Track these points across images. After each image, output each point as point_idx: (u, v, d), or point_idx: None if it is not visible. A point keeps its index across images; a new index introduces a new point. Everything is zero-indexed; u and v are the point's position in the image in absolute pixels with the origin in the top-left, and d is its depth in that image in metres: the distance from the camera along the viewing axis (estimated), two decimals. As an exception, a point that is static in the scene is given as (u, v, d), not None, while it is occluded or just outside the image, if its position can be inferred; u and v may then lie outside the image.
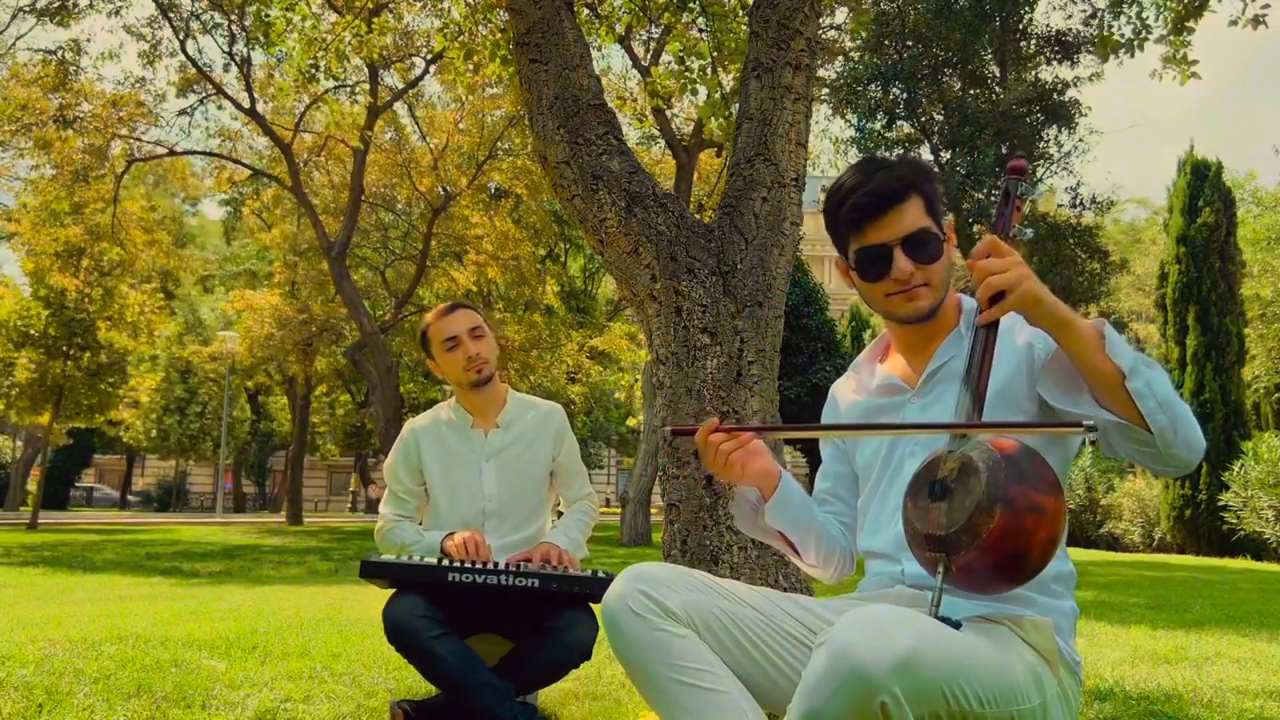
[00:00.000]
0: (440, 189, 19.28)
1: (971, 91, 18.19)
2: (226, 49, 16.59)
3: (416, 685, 2.96)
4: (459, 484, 2.68)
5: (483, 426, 2.72)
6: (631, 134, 17.06)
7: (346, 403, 35.46)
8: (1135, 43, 6.19)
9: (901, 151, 18.98)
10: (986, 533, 1.19)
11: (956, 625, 1.23)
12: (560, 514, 2.86)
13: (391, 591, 2.40)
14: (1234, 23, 5.59)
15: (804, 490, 1.69)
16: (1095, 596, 7.07)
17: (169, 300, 28.84)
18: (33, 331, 18.73)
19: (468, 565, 2.33)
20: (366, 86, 16.66)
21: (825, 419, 1.79)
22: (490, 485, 2.67)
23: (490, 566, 2.35)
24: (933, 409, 1.56)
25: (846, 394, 1.74)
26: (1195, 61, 5.53)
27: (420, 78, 17.49)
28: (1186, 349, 16.20)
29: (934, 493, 1.29)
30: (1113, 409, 1.33)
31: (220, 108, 17.61)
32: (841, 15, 14.54)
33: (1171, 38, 5.57)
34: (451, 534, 2.55)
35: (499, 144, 19.04)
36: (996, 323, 1.40)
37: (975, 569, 1.22)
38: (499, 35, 6.28)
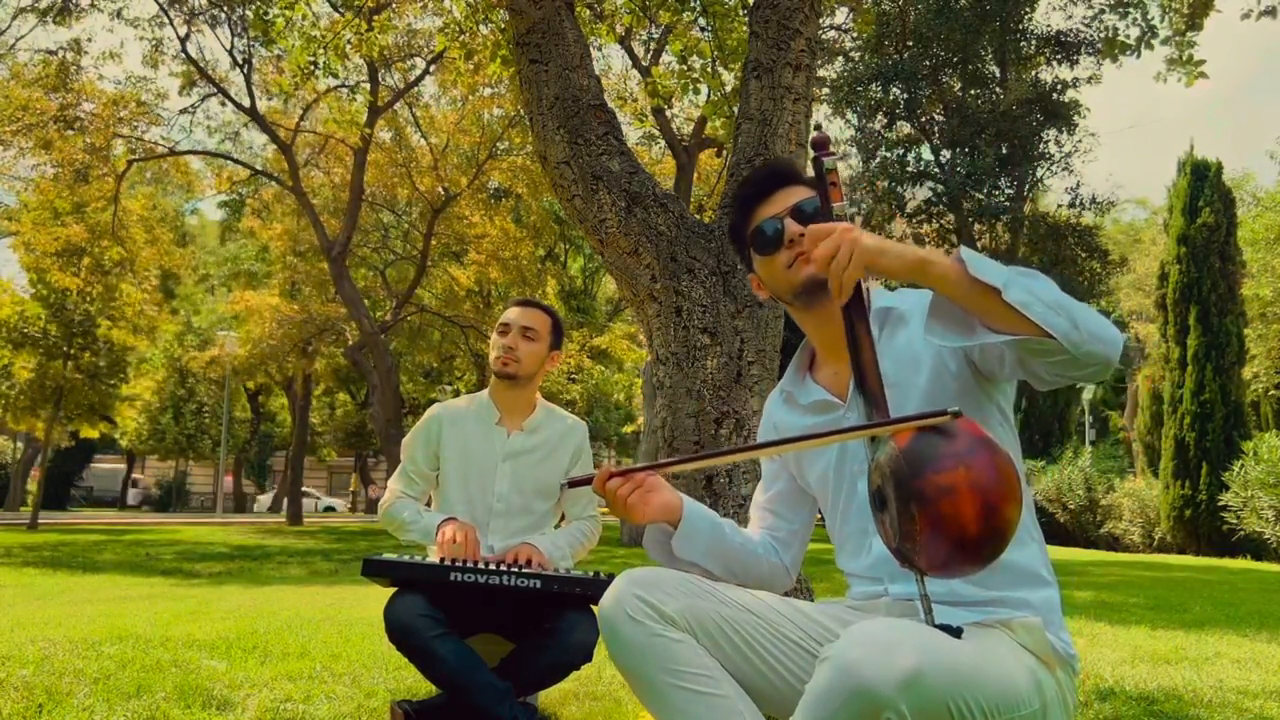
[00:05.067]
0: (440, 189, 19.29)
1: (971, 91, 18.21)
2: (228, 48, 16.61)
3: (416, 685, 2.96)
4: (472, 477, 2.69)
5: (508, 426, 2.73)
6: (631, 134, 17.07)
7: (346, 403, 35.47)
8: (1142, 43, 6.17)
9: (901, 151, 19.01)
10: (918, 534, 1.15)
11: (958, 633, 1.22)
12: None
13: (393, 590, 2.40)
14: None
15: (713, 516, 1.65)
16: (1095, 596, 7.07)
17: (169, 299, 28.85)
18: (32, 332, 18.71)
19: (470, 565, 2.33)
20: (367, 86, 16.68)
21: (762, 433, 1.75)
22: (503, 485, 2.68)
23: (491, 566, 2.35)
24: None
25: (781, 413, 1.70)
26: (1202, 62, 5.51)
27: (420, 78, 17.51)
28: (1187, 349, 16.20)
29: (875, 505, 1.26)
30: (1008, 330, 1.26)
31: (223, 105, 17.59)
32: (842, 15, 14.55)
33: (1178, 38, 5.56)
34: (450, 519, 2.56)
35: (499, 144, 19.05)
36: (862, 302, 1.34)
37: (938, 563, 1.17)
38: (500, 35, 6.28)
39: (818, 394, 1.61)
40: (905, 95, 18.08)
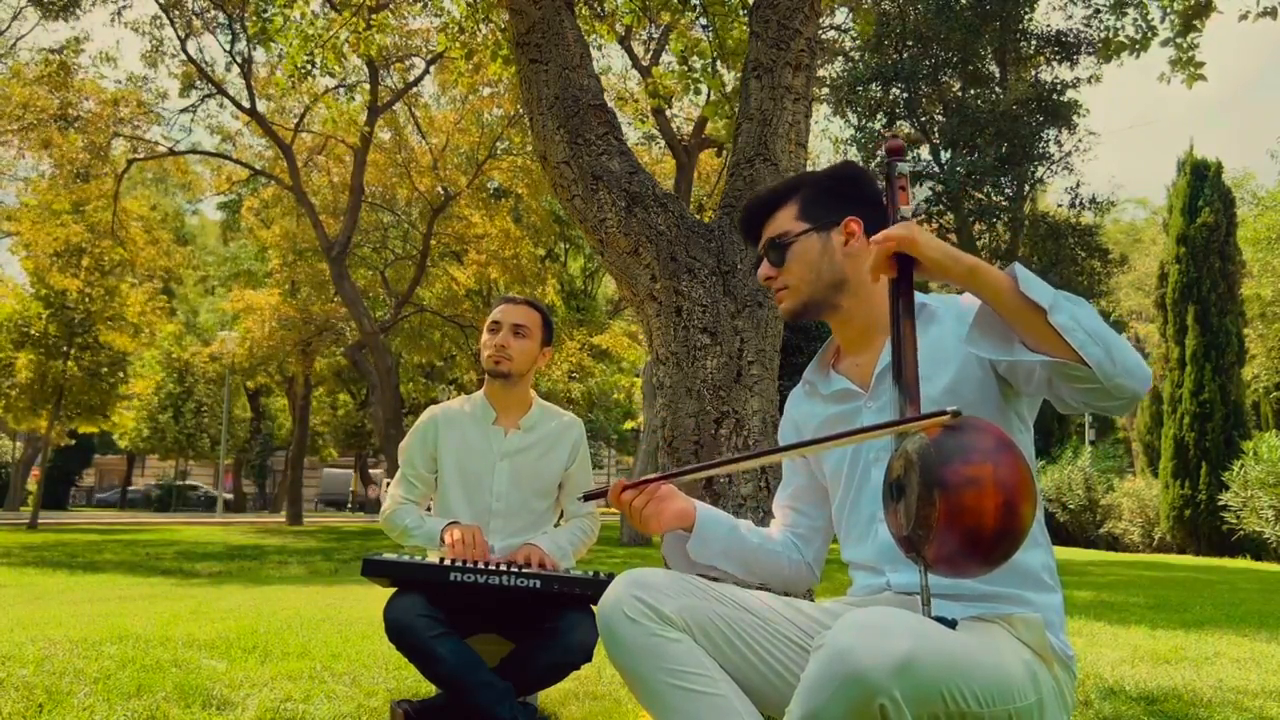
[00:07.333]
0: (440, 189, 19.28)
1: (971, 91, 18.21)
2: (228, 48, 16.61)
3: (416, 685, 2.96)
4: (470, 477, 2.69)
5: (504, 425, 2.73)
6: (631, 134, 17.09)
7: (346, 403, 35.47)
8: (1140, 43, 6.15)
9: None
10: (934, 521, 1.16)
11: (952, 625, 1.23)
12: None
13: (392, 590, 2.40)
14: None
15: (729, 519, 1.68)
16: (1095, 596, 7.07)
17: (169, 299, 28.82)
18: (33, 331, 18.69)
19: (469, 565, 2.33)
20: (366, 86, 16.68)
21: (783, 431, 1.78)
22: (501, 484, 2.68)
23: (492, 567, 2.35)
24: (887, 410, 1.54)
25: (802, 405, 1.73)
26: (1202, 64, 5.50)
27: (420, 77, 17.52)
28: (1186, 349, 16.20)
29: (892, 495, 1.28)
30: (1045, 350, 1.30)
31: (221, 106, 17.62)
32: (842, 15, 14.55)
33: (1177, 39, 5.54)
34: (454, 523, 2.56)
35: (499, 144, 19.05)
36: (912, 301, 1.38)
37: (945, 557, 1.18)
38: (500, 35, 6.27)
39: (840, 383, 1.65)
40: (905, 95, 18.09)
